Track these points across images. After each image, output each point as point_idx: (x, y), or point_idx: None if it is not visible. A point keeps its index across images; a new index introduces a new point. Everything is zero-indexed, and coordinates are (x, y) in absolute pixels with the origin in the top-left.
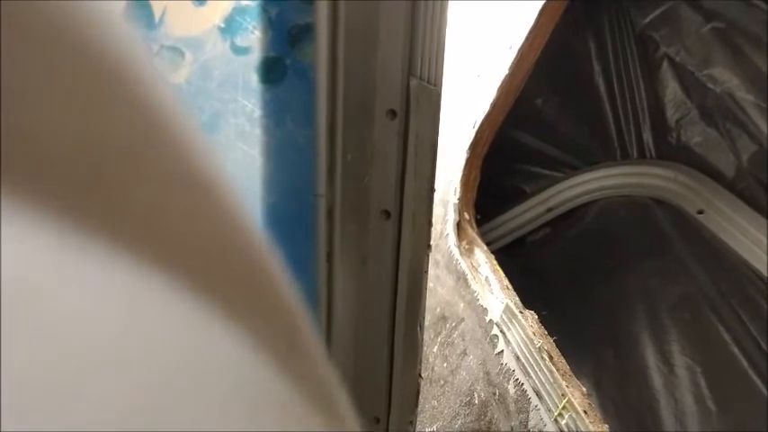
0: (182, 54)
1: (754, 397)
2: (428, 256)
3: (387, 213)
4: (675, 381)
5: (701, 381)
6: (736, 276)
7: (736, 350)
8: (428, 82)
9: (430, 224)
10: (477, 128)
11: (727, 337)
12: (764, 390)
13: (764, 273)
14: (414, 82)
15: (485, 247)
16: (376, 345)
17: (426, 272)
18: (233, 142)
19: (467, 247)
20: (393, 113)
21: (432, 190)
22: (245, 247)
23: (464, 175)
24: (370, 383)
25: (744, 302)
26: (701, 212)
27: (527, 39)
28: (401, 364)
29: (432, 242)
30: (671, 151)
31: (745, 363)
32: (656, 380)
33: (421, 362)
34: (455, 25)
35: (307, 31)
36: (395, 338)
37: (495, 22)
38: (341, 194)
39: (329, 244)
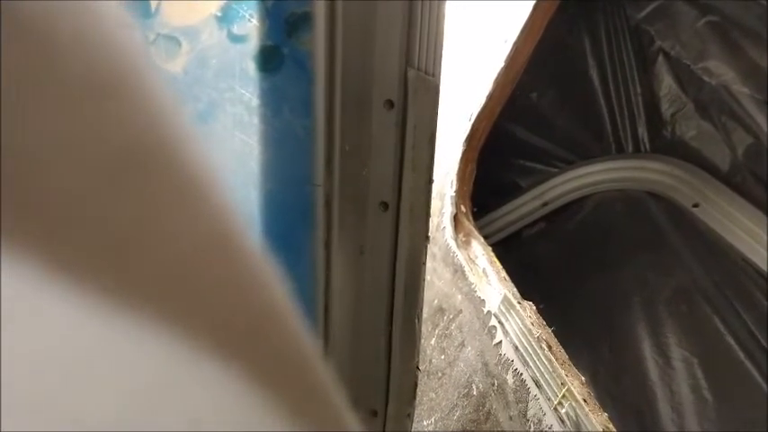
0: (178, 43)
1: (750, 387)
2: (426, 247)
3: (385, 205)
4: (672, 372)
5: (697, 372)
6: (732, 268)
7: (732, 341)
8: (426, 72)
9: (428, 216)
10: (473, 120)
11: (722, 328)
12: (761, 380)
13: (760, 265)
14: (411, 72)
15: (482, 239)
16: (373, 336)
17: (424, 264)
18: (230, 131)
19: (464, 239)
20: (391, 104)
21: (430, 182)
22: (232, 250)
23: (460, 168)
24: (367, 376)
25: (739, 294)
26: (696, 206)
27: (522, 32)
28: (399, 357)
29: (429, 234)
30: (666, 145)
31: (741, 353)
32: (653, 372)
33: (419, 354)
34: (451, 19)
35: (304, 19)
36: (392, 330)
37: (490, 16)
38: (339, 185)
39: (327, 234)
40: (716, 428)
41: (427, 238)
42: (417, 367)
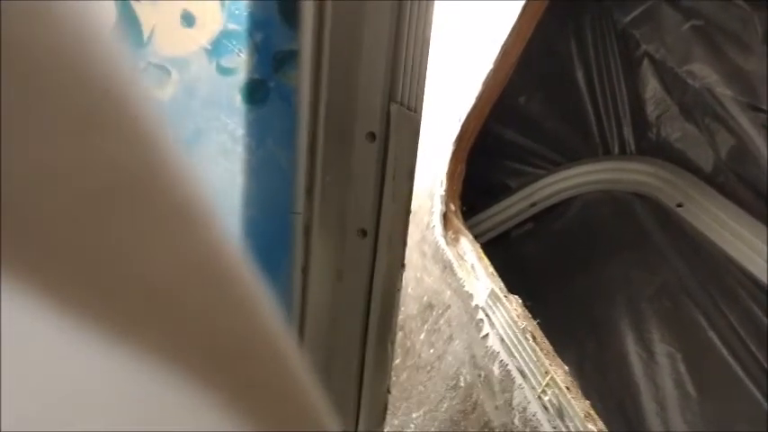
0: (168, 72)
1: (732, 381)
2: (402, 274)
3: (363, 232)
4: (656, 367)
5: (680, 367)
6: (715, 266)
7: (714, 336)
8: (408, 108)
9: (405, 244)
10: (462, 121)
11: (705, 323)
12: (742, 374)
13: (742, 262)
14: (394, 107)
15: (470, 236)
16: (347, 359)
17: (399, 290)
18: (213, 158)
19: (453, 236)
20: (372, 136)
21: (408, 212)
22: (220, 274)
23: (450, 168)
24: (339, 398)
25: (721, 291)
26: (680, 206)
27: (510, 34)
28: (370, 379)
29: (423, 234)
30: (651, 147)
31: (723, 348)
32: (637, 367)
33: (390, 377)
34: (440, 19)
35: (291, 56)
36: (366, 353)
37: (479, 17)
38: (318, 213)
39: (305, 259)
40: (699, 421)
41: (403, 265)
42: (388, 390)
